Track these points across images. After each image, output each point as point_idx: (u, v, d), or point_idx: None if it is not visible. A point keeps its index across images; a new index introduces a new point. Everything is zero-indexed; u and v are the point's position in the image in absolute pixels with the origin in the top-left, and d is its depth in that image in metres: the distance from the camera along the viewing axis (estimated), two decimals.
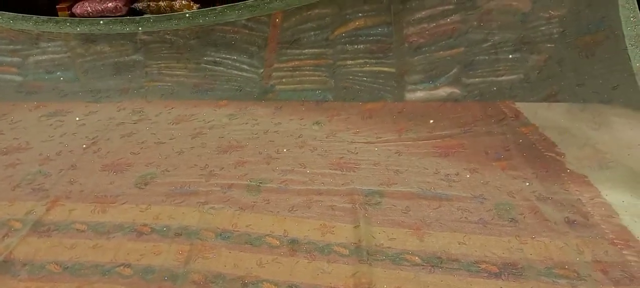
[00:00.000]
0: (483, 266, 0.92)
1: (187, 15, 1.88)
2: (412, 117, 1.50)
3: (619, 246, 0.92)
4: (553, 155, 1.29)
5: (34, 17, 2.02)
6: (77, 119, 1.57)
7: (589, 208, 1.03)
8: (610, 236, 0.94)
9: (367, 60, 2.08)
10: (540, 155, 1.29)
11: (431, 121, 1.44)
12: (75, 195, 1.19)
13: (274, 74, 2.15)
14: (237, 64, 2.16)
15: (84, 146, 1.40)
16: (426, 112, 1.53)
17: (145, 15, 1.97)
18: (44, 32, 1.98)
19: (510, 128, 1.41)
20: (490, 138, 1.36)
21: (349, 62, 2.09)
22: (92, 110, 1.63)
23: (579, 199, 1.05)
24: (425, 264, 0.93)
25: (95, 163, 1.32)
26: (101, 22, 1.90)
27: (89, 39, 2.13)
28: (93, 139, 1.44)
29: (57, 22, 1.99)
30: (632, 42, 1.35)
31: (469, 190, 1.14)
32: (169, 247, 1.02)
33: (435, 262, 0.94)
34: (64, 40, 2.18)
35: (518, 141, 1.35)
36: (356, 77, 2.11)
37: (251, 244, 1.02)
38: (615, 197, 1.11)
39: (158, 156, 1.35)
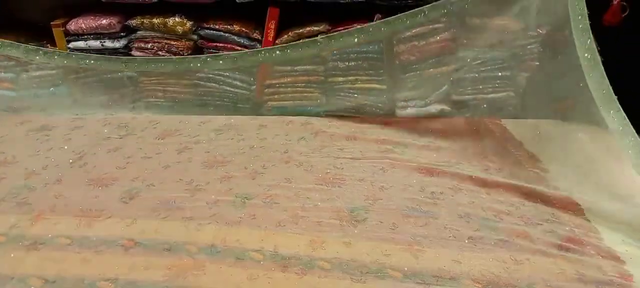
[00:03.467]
0: (482, 284, 0.92)
1: (175, 59, 1.92)
2: (398, 135, 1.50)
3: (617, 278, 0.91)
4: (537, 171, 1.29)
5: (23, 45, 2.05)
6: (64, 133, 1.58)
7: (578, 233, 1.02)
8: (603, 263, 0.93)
9: (358, 77, 2.10)
10: (525, 172, 1.29)
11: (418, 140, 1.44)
12: (60, 209, 1.19)
13: (266, 89, 2.17)
14: (230, 80, 2.18)
15: (70, 160, 1.41)
16: (413, 129, 1.53)
17: (132, 57, 2.01)
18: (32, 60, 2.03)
19: (496, 144, 1.42)
20: (476, 157, 1.37)
21: (340, 79, 2.10)
22: (78, 125, 1.64)
23: (569, 224, 1.05)
24: (421, 282, 0.92)
25: (81, 178, 1.32)
26: (88, 60, 1.95)
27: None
28: (79, 153, 1.45)
29: (45, 53, 2.02)
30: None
31: (454, 209, 1.13)
32: (157, 262, 1.01)
33: (432, 281, 0.93)
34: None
35: (503, 158, 1.35)
36: (348, 94, 2.12)
37: (241, 260, 1.01)
38: (599, 216, 1.11)
39: (144, 171, 1.35)
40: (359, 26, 2.04)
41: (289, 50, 1.74)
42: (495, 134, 1.49)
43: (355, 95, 2.12)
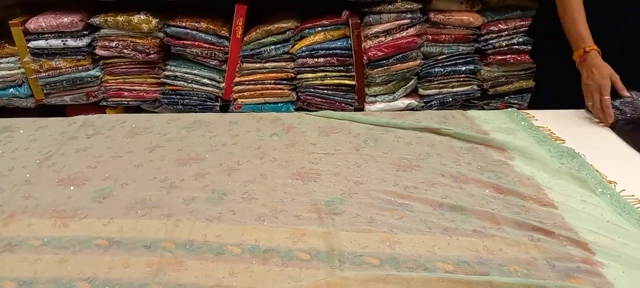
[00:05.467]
0: (456, 268, 0.95)
1: None
2: (369, 130, 1.53)
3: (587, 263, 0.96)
4: (503, 159, 1.35)
5: None
6: (28, 134, 1.52)
7: (548, 223, 1.07)
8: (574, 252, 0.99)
9: (327, 74, 2.13)
10: (493, 161, 1.34)
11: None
12: (31, 210, 1.15)
13: (235, 87, 2.16)
14: (198, 79, 2.16)
15: (38, 161, 1.36)
16: (384, 124, 1.56)
17: None
18: None
19: (464, 136, 1.47)
20: (446, 150, 1.41)
21: (310, 75, 2.12)
22: (42, 125, 1.58)
23: (539, 215, 1.10)
24: (398, 268, 0.95)
25: (51, 178, 1.28)
26: None
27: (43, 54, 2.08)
28: (47, 153, 1.40)
29: None
30: None
31: (428, 201, 1.17)
32: (137, 260, 0.99)
33: (409, 266, 0.96)
34: (17, 55, 2.13)
35: (472, 150, 1.40)
36: (317, 90, 2.15)
37: (221, 254, 1.01)
38: (560, 196, 1.17)
39: (116, 169, 1.32)
40: (327, 22, 2.07)
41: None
42: (463, 126, 1.54)
43: (326, 91, 2.14)
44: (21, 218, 1.12)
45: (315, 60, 2.09)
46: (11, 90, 2.18)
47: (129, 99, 2.21)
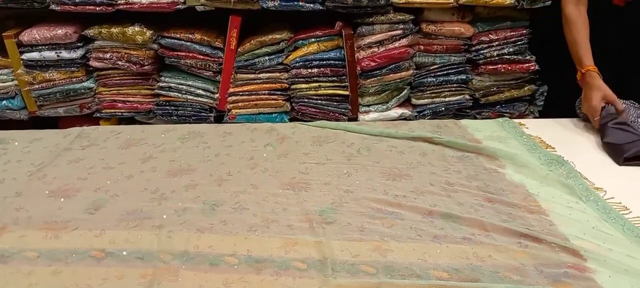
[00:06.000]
0: (448, 274, 0.96)
1: None
2: (362, 140, 1.54)
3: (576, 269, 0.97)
4: (494, 167, 1.36)
5: None
6: (22, 146, 1.52)
7: (537, 229, 1.08)
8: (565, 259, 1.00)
9: (321, 84, 2.14)
10: (483, 169, 1.36)
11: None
12: (23, 222, 1.15)
13: (230, 98, 2.17)
14: (192, 90, 2.17)
15: (29, 173, 1.36)
16: (376, 134, 1.57)
17: None
18: None
19: (456, 144, 1.48)
20: (437, 159, 1.42)
21: (304, 85, 2.14)
22: (37, 138, 1.58)
23: (528, 222, 1.11)
24: (391, 276, 0.96)
25: (42, 190, 1.28)
26: None
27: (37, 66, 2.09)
28: (38, 165, 1.40)
29: None
30: None
31: (419, 210, 1.18)
32: (131, 271, 1.00)
33: (402, 274, 0.96)
34: (10, 67, 2.13)
35: (463, 159, 1.41)
36: (311, 100, 2.16)
37: (215, 265, 1.01)
38: (548, 204, 1.18)
39: (107, 181, 1.33)
40: (320, 33, 2.09)
41: None
42: (456, 134, 1.55)
43: (319, 101, 2.16)
44: (13, 230, 1.12)
45: (309, 70, 2.11)
46: (4, 102, 2.17)
47: (123, 111, 2.21)
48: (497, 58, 2.08)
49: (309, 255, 1.04)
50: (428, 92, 2.16)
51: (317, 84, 2.14)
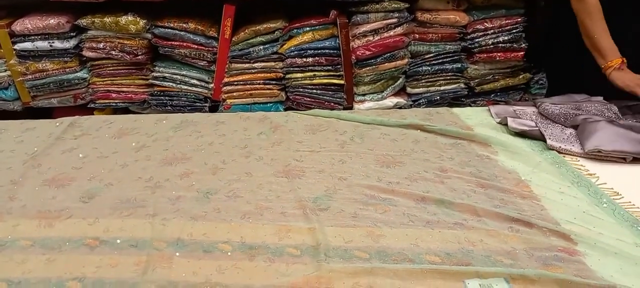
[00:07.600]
0: (441, 258, 0.97)
1: None
2: (356, 128, 1.54)
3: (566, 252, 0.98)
4: (487, 154, 1.37)
5: None
6: (15, 136, 1.52)
7: (528, 214, 1.09)
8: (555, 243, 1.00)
9: (316, 73, 2.14)
10: (476, 155, 1.36)
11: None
12: (17, 211, 1.15)
13: (224, 88, 2.17)
14: (187, 80, 2.16)
15: (23, 162, 1.36)
16: (370, 122, 1.58)
17: None
18: None
19: (448, 132, 1.48)
20: (430, 146, 1.42)
21: (299, 75, 2.14)
22: (29, 127, 1.58)
23: (519, 207, 1.12)
24: (384, 261, 0.97)
25: (36, 179, 1.28)
26: None
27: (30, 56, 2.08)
28: (32, 154, 1.40)
29: None
30: None
31: (411, 196, 1.18)
32: (125, 259, 1.00)
33: (395, 258, 0.97)
34: (3, 58, 2.12)
35: (456, 146, 1.42)
36: (306, 90, 2.16)
37: (209, 252, 1.02)
38: (540, 189, 1.19)
39: (101, 170, 1.33)
40: (315, 22, 2.08)
41: None
42: (447, 121, 1.56)
43: (314, 90, 2.16)
44: (6, 219, 1.12)
45: (304, 60, 2.10)
46: None
47: (117, 101, 2.21)
48: (492, 46, 2.08)
49: (302, 241, 1.04)
50: (423, 80, 2.16)
51: (312, 73, 2.14)
